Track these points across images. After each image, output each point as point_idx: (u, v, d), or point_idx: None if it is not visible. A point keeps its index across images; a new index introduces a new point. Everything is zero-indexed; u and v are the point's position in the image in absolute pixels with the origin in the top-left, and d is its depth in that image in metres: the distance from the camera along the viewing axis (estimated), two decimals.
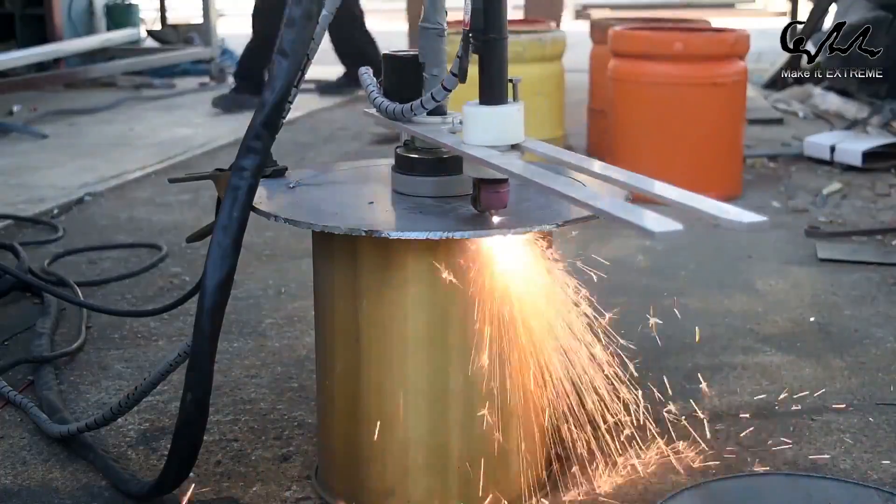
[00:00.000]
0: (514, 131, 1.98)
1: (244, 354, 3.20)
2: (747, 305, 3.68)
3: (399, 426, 2.15)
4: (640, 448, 2.44)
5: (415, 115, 2.13)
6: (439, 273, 2.03)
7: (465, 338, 2.08)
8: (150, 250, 4.36)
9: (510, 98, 1.98)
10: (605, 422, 2.31)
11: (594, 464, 2.38)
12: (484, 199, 1.99)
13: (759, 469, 2.47)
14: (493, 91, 1.95)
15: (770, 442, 2.63)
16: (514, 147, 2.01)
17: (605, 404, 2.28)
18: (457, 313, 2.09)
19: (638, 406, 2.41)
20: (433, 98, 2.07)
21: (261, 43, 7.75)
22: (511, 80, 1.96)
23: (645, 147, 5.29)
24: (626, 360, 2.41)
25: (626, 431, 2.40)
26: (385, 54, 2.22)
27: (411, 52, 2.21)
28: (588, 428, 2.32)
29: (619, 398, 2.33)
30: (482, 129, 1.97)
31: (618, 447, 2.39)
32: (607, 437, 2.36)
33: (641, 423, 2.42)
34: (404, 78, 2.18)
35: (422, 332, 2.11)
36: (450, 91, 2.04)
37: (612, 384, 2.32)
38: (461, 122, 2.06)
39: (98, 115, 8.06)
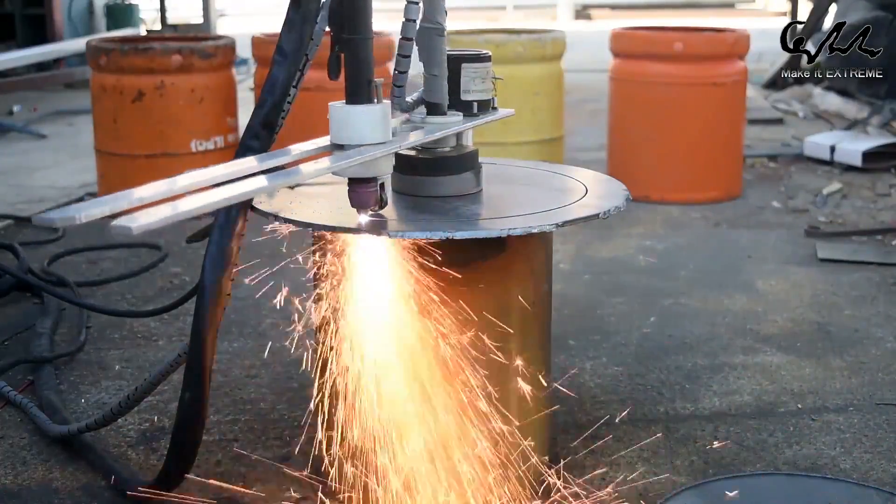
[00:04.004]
0: (370, 131, 1.93)
1: (244, 354, 3.20)
2: (747, 305, 3.68)
3: (400, 426, 2.15)
4: None
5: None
6: (439, 272, 2.03)
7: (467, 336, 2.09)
8: (149, 250, 4.37)
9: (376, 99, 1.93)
10: None
11: None
12: (351, 197, 1.96)
13: (759, 469, 2.47)
14: (352, 90, 1.94)
15: (770, 442, 2.63)
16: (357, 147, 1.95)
17: None
18: (458, 312, 2.09)
19: None
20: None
21: None
22: (371, 81, 1.93)
23: (645, 147, 5.29)
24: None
25: None
26: None
27: (456, 52, 2.23)
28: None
29: None
30: (341, 128, 1.95)
31: None
32: None
33: None
34: None
35: (423, 331, 2.10)
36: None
37: None
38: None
39: None
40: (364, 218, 1.95)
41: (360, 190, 1.92)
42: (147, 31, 11.08)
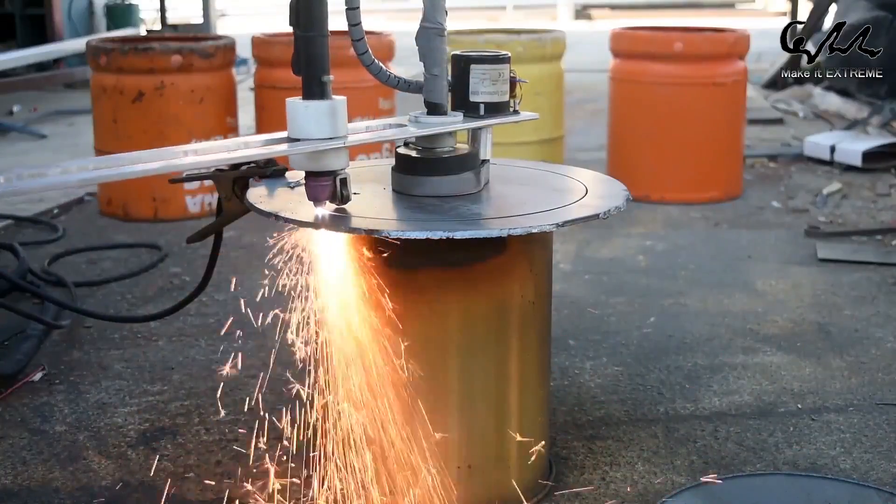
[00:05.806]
0: (317, 126, 1.96)
1: (244, 354, 3.19)
2: (747, 305, 3.68)
3: (400, 424, 2.15)
4: None
5: None
6: (439, 272, 2.03)
7: (467, 336, 2.09)
8: (149, 250, 4.37)
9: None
10: None
11: None
12: (306, 190, 2.00)
13: (758, 469, 2.47)
14: (305, 86, 1.96)
15: (770, 442, 2.63)
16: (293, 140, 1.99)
17: None
18: (458, 312, 2.09)
19: None
20: None
21: None
22: (322, 78, 1.94)
23: (645, 147, 5.29)
24: None
25: None
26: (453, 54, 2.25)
27: (468, 53, 2.23)
28: None
29: None
30: (293, 122, 1.98)
31: None
32: None
33: None
34: (454, 74, 2.22)
35: (423, 331, 2.11)
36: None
37: None
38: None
39: None
40: (321, 211, 1.99)
41: (313, 183, 1.98)
42: (147, 31, 11.07)
